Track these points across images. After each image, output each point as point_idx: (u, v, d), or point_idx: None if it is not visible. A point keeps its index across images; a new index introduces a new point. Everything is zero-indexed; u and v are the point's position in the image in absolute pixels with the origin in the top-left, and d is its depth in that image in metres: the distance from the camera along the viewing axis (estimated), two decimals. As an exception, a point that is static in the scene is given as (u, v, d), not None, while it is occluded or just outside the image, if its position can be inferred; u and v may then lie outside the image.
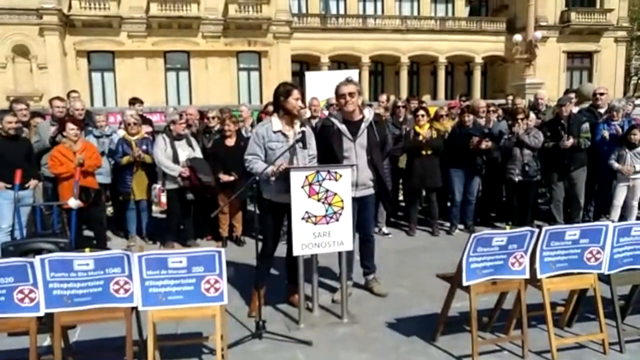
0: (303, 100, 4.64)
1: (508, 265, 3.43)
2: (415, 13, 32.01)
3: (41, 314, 3.03)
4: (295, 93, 4.09)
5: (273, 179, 3.98)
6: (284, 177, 3.91)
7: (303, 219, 3.86)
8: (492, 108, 7.95)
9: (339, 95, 4.37)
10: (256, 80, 26.97)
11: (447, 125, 7.16)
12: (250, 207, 7.36)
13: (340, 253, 4.10)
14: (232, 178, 6.16)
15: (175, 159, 6.14)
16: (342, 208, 3.93)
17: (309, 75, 9.25)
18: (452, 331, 3.76)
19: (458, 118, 7.27)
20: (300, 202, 3.84)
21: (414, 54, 30.88)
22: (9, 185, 5.50)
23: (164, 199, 6.23)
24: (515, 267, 3.45)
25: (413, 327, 3.92)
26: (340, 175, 3.90)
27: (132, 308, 3.15)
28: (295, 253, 3.91)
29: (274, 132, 4.11)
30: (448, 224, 7.11)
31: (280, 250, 4.46)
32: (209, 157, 6.40)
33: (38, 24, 22.81)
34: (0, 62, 22.64)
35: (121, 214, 6.83)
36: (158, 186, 6.28)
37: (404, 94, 27.15)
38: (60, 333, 3.10)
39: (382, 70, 32.59)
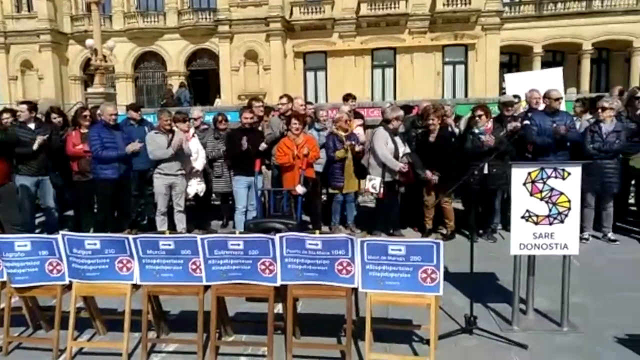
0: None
1: None
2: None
3: (277, 284, 3.48)
4: None
5: None
6: None
7: (523, 217, 3.69)
8: None
9: None
10: (461, 74, 26.29)
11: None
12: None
13: (563, 257, 3.81)
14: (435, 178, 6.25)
15: (396, 154, 6.35)
16: (569, 209, 3.63)
17: (509, 77, 8.78)
18: None
19: None
20: (521, 200, 3.68)
21: (653, 34, 26.29)
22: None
23: (382, 190, 6.43)
24: None
25: (649, 349, 3.45)
26: (569, 174, 3.61)
27: (353, 289, 3.41)
28: (512, 252, 3.76)
29: None
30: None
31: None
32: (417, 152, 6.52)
33: (265, 31, 25.92)
34: (234, 66, 26.36)
35: (331, 203, 7.35)
36: (379, 178, 6.48)
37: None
38: (292, 303, 3.51)
39: (607, 58, 28.62)
